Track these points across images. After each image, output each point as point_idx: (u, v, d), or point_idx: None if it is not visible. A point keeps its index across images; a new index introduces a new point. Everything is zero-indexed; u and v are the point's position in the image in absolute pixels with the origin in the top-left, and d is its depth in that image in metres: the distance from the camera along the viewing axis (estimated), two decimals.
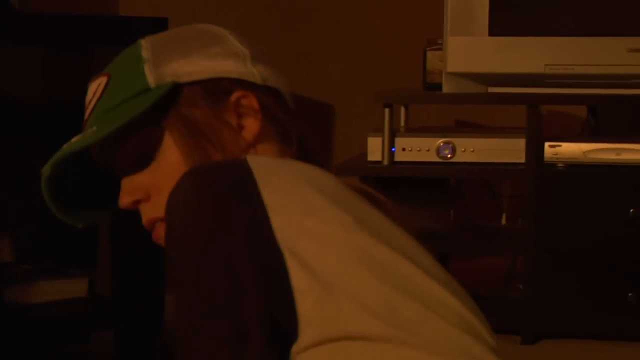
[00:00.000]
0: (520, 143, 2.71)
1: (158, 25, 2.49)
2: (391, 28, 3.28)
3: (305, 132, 1.22)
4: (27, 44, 2.38)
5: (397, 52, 3.25)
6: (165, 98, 1.16)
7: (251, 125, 1.17)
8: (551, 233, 2.66)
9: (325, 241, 1.03)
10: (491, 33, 2.70)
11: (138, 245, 2.57)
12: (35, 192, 3.07)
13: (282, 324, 1.01)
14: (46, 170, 1.18)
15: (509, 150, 2.73)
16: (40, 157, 2.88)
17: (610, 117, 3.12)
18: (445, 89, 2.74)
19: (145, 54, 1.18)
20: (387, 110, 2.72)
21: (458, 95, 2.75)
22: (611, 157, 2.68)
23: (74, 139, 1.18)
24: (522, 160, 2.70)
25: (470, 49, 2.71)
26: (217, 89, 1.18)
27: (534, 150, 2.69)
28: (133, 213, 1.21)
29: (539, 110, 2.73)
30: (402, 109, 2.99)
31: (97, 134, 1.15)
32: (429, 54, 2.86)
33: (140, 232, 2.85)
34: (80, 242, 2.74)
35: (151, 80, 1.16)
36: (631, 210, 2.63)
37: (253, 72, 1.19)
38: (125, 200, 1.18)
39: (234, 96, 1.17)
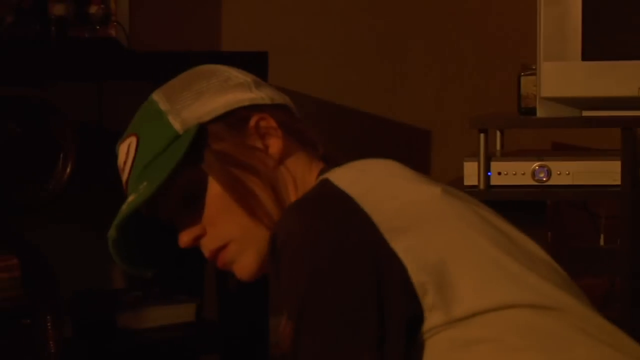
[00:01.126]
0: (616, 165, 2.73)
1: (259, 59, 2.58)
2: (486, 54, 3.33)
3: (319, 137, 1.35)
4: (136, 80, 2.48)
5: (491, 77, 3.30)
6: (194, 140, 1.28)
7: (275, 143, 1.30)
8: None
9: (428, 230, 1.18)
10: (584, 58, 2.73)
11: None
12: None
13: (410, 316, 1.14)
14: (112, 233, 1.29)
15: (605, 172, 2.75)
16: None
17: None
18: (540, 113, 2.77)
19: (163, 106, 1.30)
20: (482, 135, 2.76)
21: (552, 119, 2.78)
22: None
23: (129, 199, 1.28)
24: (618, 182, 2.72)
25: (564, 74, 2.74)
26: (236, 119, 1.29)
27: (630, 172, 2.71)
28: None
29: (634, 132, 2.75)
30: (498, 134, 3.04)
31: (149, 188, 1.25)
32: (523, 79, 2.90)
33: None
34: (188, 269, 2.83)
35: (178, 127, 1.28)
36: None
37: (261, 95, 1.32)
38: (184, 240, 1.30)
39: (252, 121, 1.30)
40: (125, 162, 1.32)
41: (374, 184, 1.23)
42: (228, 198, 1.27)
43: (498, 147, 3.03)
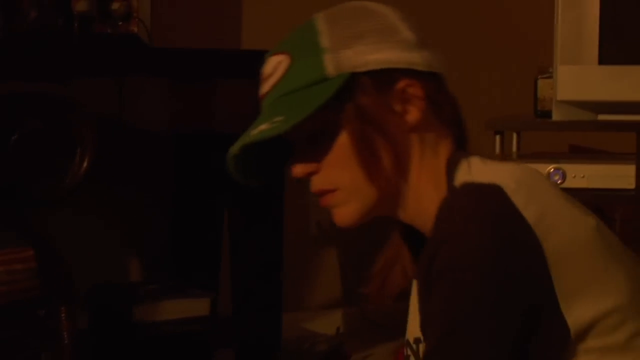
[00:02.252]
0: (631, 169, 2.74)
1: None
2: (503, 56, 3.35)
3: (461, 114, 1.34)
4: (156, 76, 2.51)
5: (508, 80, 3.32)
6: (341, 86, 1.28)
7: (414, 113, 1.29)
8: None
9: (575, 241, 1.24)
10: (601, 62, 2.74)
11: (258, 265, 2.68)
12: (162, 217, 3.23)
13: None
14: (235, 150, 1.28)
15: (620, 176, 2.77)
16: (167, 183, 3.02)
17: None
18: (556, 116, 2.79)
19: (323, 42, 1.28)
20: (498, 137, 2.78)
21: (568, 122, 2.79)
22: None
23: (262, 127, 1.27)
24: (633, 186, 2.73)
25: (580, 78, 2.76)
26: (386, 78, 1.29)
27: None
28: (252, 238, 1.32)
29: None
30: (514, 136, 3.05)
31: (284, 124, 1.25)
32: (540, 82, 2.91)
33: (260, 253, 2.97)
34: (203, 263, 2.86)
35: (331, 70, 1.27)
36: None
37: (419, 60, 1.30)
38: (298, 171, 1.31)
39: (400, 84, 1.29)
40: (270, 76, 1.31)
41: (545, 209, 1.24)
42: (352, 150, 1.28)
43: (514, 149, 3.05)
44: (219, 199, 2.79)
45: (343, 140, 1.28)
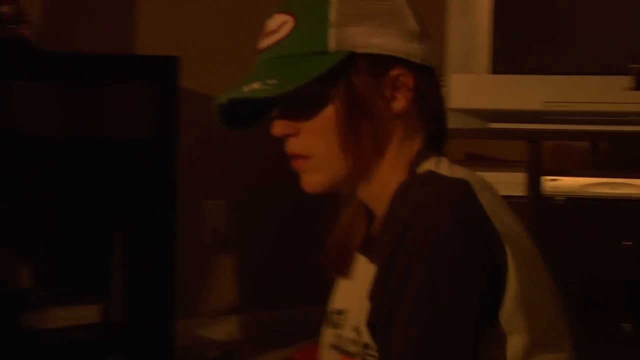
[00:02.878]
0: (521, 177, 2.78)
1: (169, 63, 2.60)
2: None
3: (444, 112, 1.39)
4: (47, 80, 2.47)
5: None
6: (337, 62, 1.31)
7: (401, 101, 1.32)
8: (551, 264, 2.73)
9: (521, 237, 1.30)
10: (493, 71, 2.78)
11: (150, 271, 2.65)
12: (52, 222, 3.16)
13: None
14: (222, 100, 1.33)
15: (510, 183, 2.80)
16: (57, 189, 2.97)
17: (615, 151, 3.19)
18: (448, 124, 2.82)
19: (332, 14, 1.31)
20: None
21: (460, 130, 2.82)
22: (607, 191, 2.75)
23: (255, 85, 1.30)
24: (523, 193, 2.77)
25: (472, 86, 2.79)
26: (382, 63, 1.32)
27: (534, 183, 2.76)
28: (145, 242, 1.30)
29: (540, 145, 2.80)
30: None
31: (278, 89, 1.28)
32: None
33: (152, 259, 2.92)
34: (95, 270, 2.82)
35: (332, 45, 1.30)
36: (624, 243, 2.70)
37: (417, 52, 1.33)
38: (278, 130, 1.34)
39: (394, 72, 1.32)
40: (273, 33, 1.34)
41: (502, 218, 1.28)
42: (335, 124, 1.31)
43: None
44: (111, 205, 2.76)
45: (329, 112, 1.31)
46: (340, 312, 1.41)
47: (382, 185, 1.34)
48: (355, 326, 1.37)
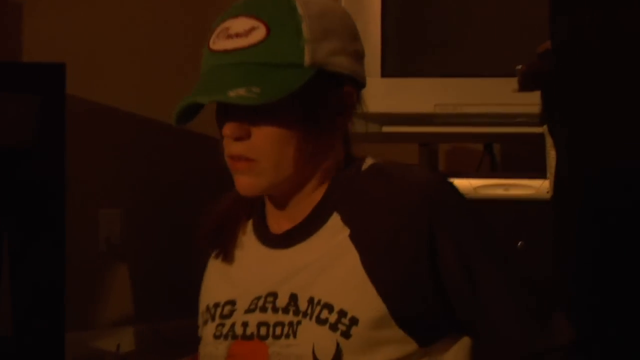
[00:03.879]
0: None
1: (55, 71, 2.56)
2: None
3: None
4: None
5: None
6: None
7: (345, 119, 1.42)
8: None
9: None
10: (383, 74, 2.78)
11: (39, 283, 2.61)
12: None
13: None
14: (203, 99, 1.36)
15: None
16: None
17: (509, 153, 3.22)
18: None
19: (305, 31, 1.35)
20: None
21: (353, 134, 2.82)
22: (499, 192, 2.77)
23: (241, 92, 1.32)
24: None
25: (364, 90, 2.79)
26: (339, 80, 1.38)
27: None
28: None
29: (433, 147, 2.82)
30: None
31: (263, 97, 1.32)
32: None
33: (42, 271, 2.85)
34: None
35: (307, 61, 1.35)
36: (519, 243, 2.73)
37: (362, 73, 1.43)
38: (229, 132, 1.36)
39: (346, 89, 1.40)
40: (239, 36, 1.36)
41: None
42: (290, 133, 1.36)
43: None
44: None
45: (286, 123, 1.35)
46: (231, 303, 1.42)
47: (303, 183, 1.40)
48: (283, 302, 1.38)
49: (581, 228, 1.70)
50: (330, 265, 1.36)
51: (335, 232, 1.38)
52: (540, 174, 2.75)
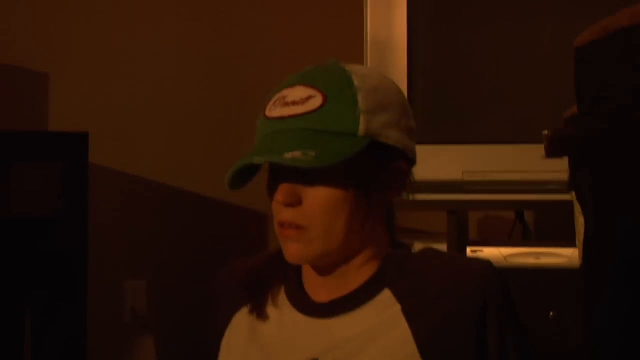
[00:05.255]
0: (442, 247, 2.75)
1: (79, 140, 2.56)
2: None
3: None
4: None
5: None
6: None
7: (396, 192, 1.46)
8: None
9: None
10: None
11: (62, 357, 2.58)
12: None
13: None
14: (258, 160, 1.38)
15: None
16: None
17: (543, 221, 3.17)
18: None
19: (361, 103, 1.39)
20: None
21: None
22: (530, 261, 2.72)
23: (297, 154, 1.35)
24: None
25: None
26: (392, 155, 1.42)
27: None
28: None
29: (463, 215, 2.77)
30: None
31: (318, 162, 1.35)
32: None
33: (64, 344, 2.79)
34: (4, 357, 2.73)
35: (362, 131, 1.38)
36: (551, 313, 2.67)
37: (414, 150, 1.47)
38: (281, 199, 1.39)
39: (398, 165, 1.44)
40: (296, 104, 1.39)
41: None
42: (341, 203, 1.38)
43: None
44: (20, 288, 2.69)
45: (338, 191, 1.38)
46: None
47: (351, 255, 1.42)
48: None
49: (611, 290, 1.66)
50: (379, 337, 1.38)
51: (385, 306, 1.40)
52: (573, 242, 2.70)
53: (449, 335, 1.38)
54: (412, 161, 1.47)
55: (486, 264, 1.44)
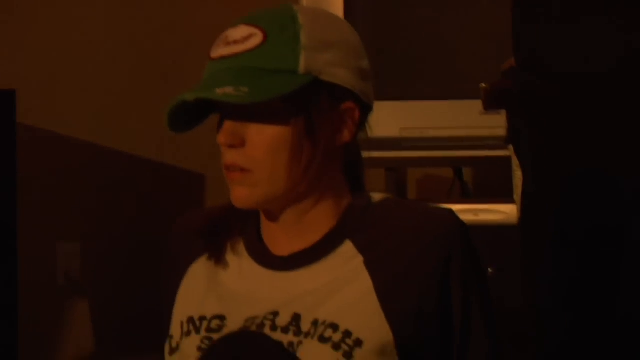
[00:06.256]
0: None
1: (5, 98, 2.52)
2: None
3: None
4: None
5: None
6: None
7: (346, 135, 1.42)
8: None
9: None
10: None
11: None
12: None
13: None
14: (189, 97, 1.37)
15: None
16: None
17: (482, 178, 3.17)
18: None
19: (303, 38, 1.38)
20: None
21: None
22: (469, 217, 2.71)
23: (228, 90, 1.34)
24: None
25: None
26: (339, 95, 1.40)
27: None
28: None
29: (401, 173, 2.76)
30: None
31: (250, 97, 1.34)
32: None
33: None
34: None
35: (302, 68, 1.37)
36: (489, 270, 2.66)
37: (367, 92, 1.45)
38: (223, 140, 1.38)
39: (347, 105, 1.41)
40: (237, 43, 1.38)
41: None
42: (285, 144, 1.37)
43: None
44: None
45: (281, 131, 1.37)
46: (219, 317, 1.41)
47: (313, 205, 1.41)
48: (293, 318, 1.37)
49: (551, 246, 1.65)
50: (341, 289, 1.38)
51: (347, 258, 1.40)
52: (511, 199, 2.70)
53: (410, 286, 1.38)
54: (365, 105, 1.45)
55: (448, 212, 1.45)
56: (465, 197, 2.97)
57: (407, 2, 2.74)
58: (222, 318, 1.40)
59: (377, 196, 1.46)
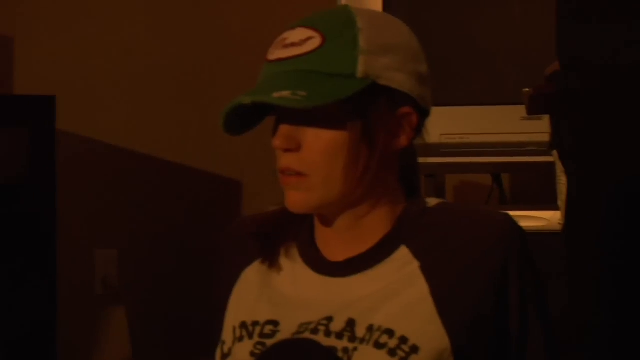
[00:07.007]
0: None
1: (46, 103, 2.53)
2: None
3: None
4: None
5: None
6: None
7: (403, 140, 1.40)
8: None
9: None
10: None
11: (29, 328, 2.54)
12: None
13: None
14: (246, 100, 1.34)
15: None
16: None
17: (520, 184, 3.15)
18: None
19: (362, 42, 1.36)
20: None
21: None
22: None
23: (285, 94, 1.33)
24: None
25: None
26: (397, 99, 1.38)
27: None
28: None
29: (440, 179, 2.75)
30: None
31: (308, 101, 1.33)
32: None
33: (31, 317, 2.75)
34: None
35: (360, 72, 1.36)
36: None
37: (426, 97, 1.41)
38: (278, 144, 1.36)
39: (404, 110, 1.39)
40: (295, 45, 1.37)
41: None
42: (342, 148, 1.35)
43: None
44: None
45: (338, 135, 1.35)
46: (273, 323, 1.40)
47: (369, 210, 1.40)
48: (348, 324, 1.36)
49: (597, 251, 1.63)
50: (396, 294, 1.37)
51: (403, 264, 1.39)
52: (552, 205, 2.68)
53: (468, 291, 1.36)
54: (423, 110, 1.42)
55: (506, 216, 1.41)
56: (504, 204, 2.95)
57: (447, 6, 2.73)
58: (275, 323, 1.40)
59: (432, 201, 1.45)
